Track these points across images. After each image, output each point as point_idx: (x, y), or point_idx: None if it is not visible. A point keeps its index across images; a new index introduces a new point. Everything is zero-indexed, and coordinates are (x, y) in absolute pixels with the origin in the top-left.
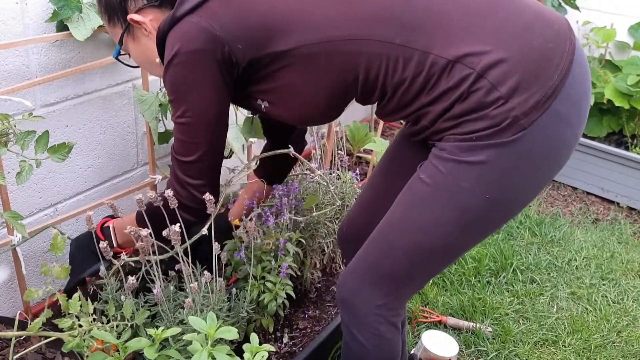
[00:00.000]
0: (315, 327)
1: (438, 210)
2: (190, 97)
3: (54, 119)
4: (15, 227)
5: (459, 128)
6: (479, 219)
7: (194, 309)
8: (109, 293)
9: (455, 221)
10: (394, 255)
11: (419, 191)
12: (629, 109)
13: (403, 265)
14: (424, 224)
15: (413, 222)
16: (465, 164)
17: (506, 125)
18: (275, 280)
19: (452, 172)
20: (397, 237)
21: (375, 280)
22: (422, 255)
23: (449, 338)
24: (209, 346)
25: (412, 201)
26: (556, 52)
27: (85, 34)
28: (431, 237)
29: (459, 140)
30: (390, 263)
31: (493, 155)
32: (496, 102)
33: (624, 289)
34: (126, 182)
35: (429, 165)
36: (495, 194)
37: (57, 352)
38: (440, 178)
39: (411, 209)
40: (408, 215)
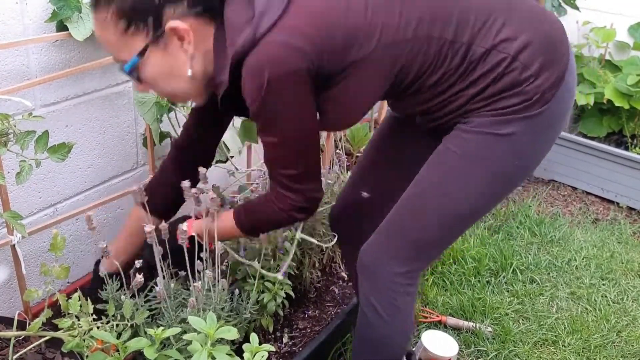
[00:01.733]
0: (315, 327)
1: (470, 177)
2: (289, 119)
3: (53, 119)
4: (15, 227)
5: (491, 106)
6: (505, 183)
7: (196, 307)
8: (109, 292)
9: (485, 186)
10: (424, 222)
11: (448, 161)
12: (629, 109)
13: (431, 232)
14: (456, 191)
15: (444, 189)
16: (497, 136)
17: (536, 99)
18: (274, 280)
19: (483, 143)
20: (428, 204)
21: (400, 248)
22: (451, 220)
23: (448, 338)
24: (209, 346)
25: (442, 170)
26: (560, 32)
27: (85, 34)
28: (461, 203)
29: (491, 115)
30: (419, 230)
31: (523, 127)
32: (528, 80)
33: (624, 288)
34: (126, 182)
35: (456, 138)
36: (522, 160)
37: (57, 352)
38: (472, 148)
39: (443, 177)
40: (439, 183)
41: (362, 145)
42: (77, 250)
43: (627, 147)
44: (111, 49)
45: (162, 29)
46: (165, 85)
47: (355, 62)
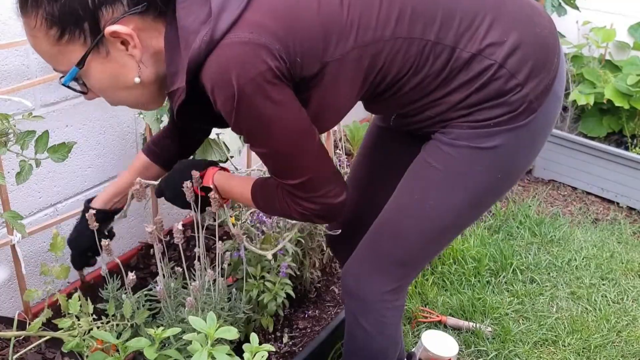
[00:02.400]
0: (315, 327)
1: (452, 192)
2: (274, 126)
3: (53, 119)
4: (14, 227)
5: (473, 116)
6: (489, 194)
7: (195, 307)
8: (109, 292)
9: (469, 200)
10: (406, 240)
11: (429, 176)
12: (629, 109)
13: (415, 250)
14: (438, 207)
15: (425, 206)
16: (480, 150)
17: (522, 110)
18: (275, 280)
19: (465, 157)
20: (409, 222)
21: (384, 267)
22: (435, 236)
23: (448, 338)
24: (209, 346)
25: (423, 186)
26: (551, 37)
27: None
28: (444, 218)
29: (473, 127)
30: (402, 248)
31: (507, 139)
32: (514, 89)
33: (624, 288)
34: None
35: (436, 151)
36: (506, 173)
37: (57, 352)
38: (452, 163)
39: (422, 193)
40: (419, 199)
41: None
42: None
43: (627, 147)
44: (47, 59)
45: (101, 35)
46: (113, 95)
47: (329, 62)
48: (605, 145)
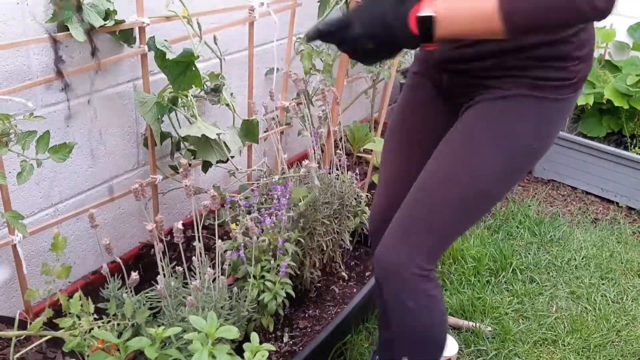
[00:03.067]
0: (315, 327)
1: (490, 154)
2: None
3: (54, 119)
4: (16, 226)
5: (535, 71)
6: (522, 163)
7: (195, 306)
8: (110, 291)
9: (505, 165)
10: (440, 206)
11: (467, 140)
12: (629, 109)
13: (449, 217)
14: (474, 170)
15: (461, 170)
16: (529, 104)
17: (571, 83)
18: (275, 279)
19: (513, 111)
20: (444, 188)
21: (417, 236)
22: (470, 204)
23: (448, 337)
24: (210, 345)
25: (460, 151)
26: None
27: (85, 34)
28: (480, 183)
29: (529, 83)
30: (436, 215)
31: (550, 106)
32: (575, 60)
33: (623, 288)
34: (127, 182)
35: (484, 108)
36: (541, 141)
37: (58, 352)
38: (498, 119)
39: (459, 158)
40: (456, 163)
41: (362, 145)
42: (78, 249)
43: (626, 147)
44: None
45: None
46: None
47: None
48: (605, 145)
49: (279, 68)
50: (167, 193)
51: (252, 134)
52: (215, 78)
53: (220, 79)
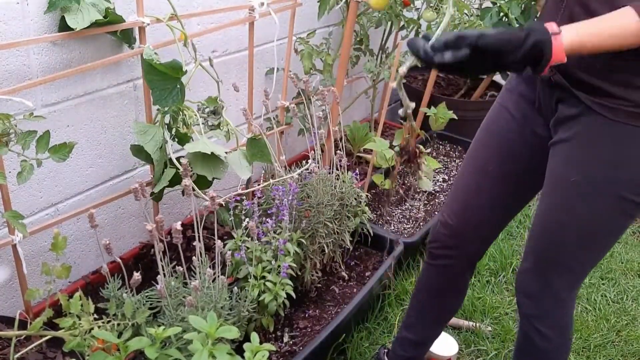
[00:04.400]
0: (315, 327)
1: (608, 201)
2: None
3: (54, 119)
4: (16, 226)
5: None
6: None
7: (195, 306)
8: (110, 291)
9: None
10: (576, 234)
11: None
12: None
13: (592, 241)
14: (596, 216)
15: (591, 196)
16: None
17: None
18: (275, 280)
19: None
20: (579, 215)
21: (565, 268)
22: (604, 240)
23: (448, 337)
24: (210, 345)
25: (579, 193)
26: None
27: (82, 24)
28: (606, 219)
29: (631, 108)
30: (579, 244)
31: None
32: None
33: (624, 288)
34: (127, 181)
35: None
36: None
37: (58, 352)
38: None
39: (582, 200)
40: (583, 188)
41: (362, 145)
42: (79, 249)
43: None
44: None
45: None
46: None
47: None
48: None
49: (279, 68)
50: (167, 193)
51: (261, 153)
52: (213, 102)
53: (219, 101)
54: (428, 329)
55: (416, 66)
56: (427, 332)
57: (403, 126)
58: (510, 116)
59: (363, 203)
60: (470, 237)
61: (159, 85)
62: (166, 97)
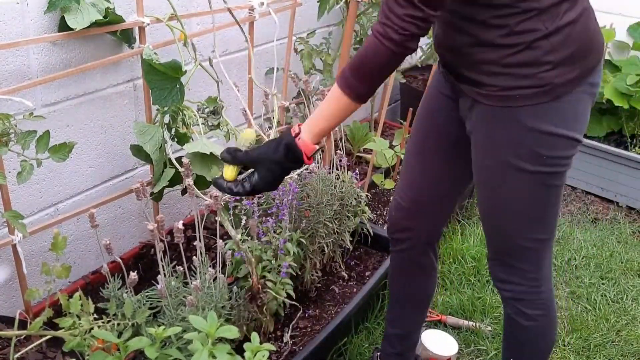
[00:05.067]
0: (315, 326)
1: (519, 182)
2: None
3: (54, 119)
4: (16, 226)
5: (503, 79)
6: (546, 175)
7: (196, 306)
8: (110, 291)
9: (531, 182)
10: (511, 216)
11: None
12: (629, 109)
13: (525, 221)
14: (516, 195)
15: (503, 176)
16: (509, 127)
17: (546, 90)
18: (275, 279)
19: (500, 139)
20: (504, 197)
21: (523, 253)
22: (542, 215)
23: (448, 337)
24: (210, 345)
25: (491, 177)
26: (599, 36)
27: (82, 24)
28: (527, 193)
29: (501, 94)
30: (512, 225)
31: (528, 113)
32: (545, 66)
33: (623, 288)
34: (127, 181)
35: (481, 137)
36: (544, 149)
37: (58, 352)
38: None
39: (499, 185)
40: (499, 192)
41: (362, 144)
42: (78, 249)
43: (626, 147)
44: None
45: None
46: None
47: None
48: (605, 145)
49: (278, 68)
50: (167, 193)
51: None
52: (213, 102)
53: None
54: (409, 319)
55: (416, 66)
56: (408, 322)
57: (403, 126)
58: (438, 95)
59: (363, 203)
60: (424, 215)
61: (159, 85)
62: (166, 97)
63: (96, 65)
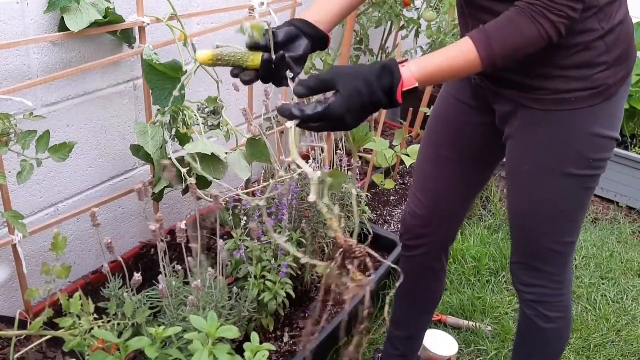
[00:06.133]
0: (315, 326)
1: (558, 185)
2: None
3: (54, 119)
4: (15, 226)
5: (557, 82)
6: (586, 180)
7: (196, 306)
8: (110, 290)
9: (571, 187)
10: (545, 219)
11: (534, 171)
12: (629, 109)
13: (557, 225)
14: (552, 200)
15: (545, 180)
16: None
17: (601, 91)
18: (275, 279)
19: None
20: (542, 201)
21: (548, 254)
22: (566, 209)
23: (448, 337)
24: (210, 345)
25: (532, 184)
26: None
27: (81, 25)
28: (564, 197)
29: (555, 98)
30: (549, 231)
31: (583, 116)
32: (601, 66)
33: (623, 288)
34: (127, 181)
35: (527, 143)
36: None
37: (58, 352)
38: (545, 155)
39: (538, 190)
40: (537, 198)
41: (362, 144)
42: (78, 249)
43: (626, 147)
44: None
45: None
46: None
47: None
48: None
49: None
50: (167, 193)
51: (260, 154)
52: (213, 101)
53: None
54: (415, 321)
55: None
56: (414, 324)
57: (402, 126)
58: (455, 103)
59: (363, 203)
60: (439, 222)
61: (159, 85)
62: (166, 97)
63: (96, 65)
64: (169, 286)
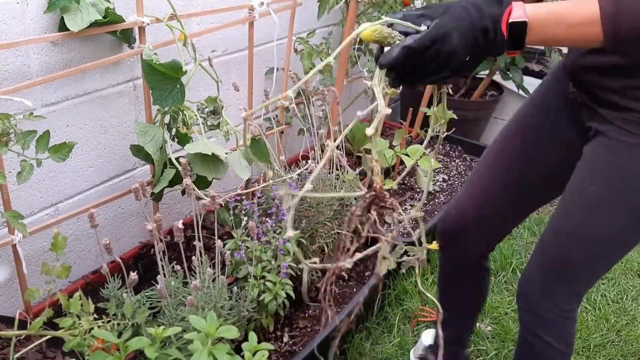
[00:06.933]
0: (315, 327)
1: (622, 214)
2: None
3: (54, 119)
4: (15, 226)
5: None
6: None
7: (195, 306)
8: (110, 291)
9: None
10: (593, 242)
11: (600, 192)
12: None
13: (602, 256)
14: (610, 227)
15: (609, 208)
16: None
17: None
18: (275, 280)
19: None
20: (595, 227)
21: (570, 275)
22: (621, 240)
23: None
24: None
25: (603, 183)
26: None
27: (81, 25)
28: (623, 231)
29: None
30: (588, 251)
31: None
32: None
33: (623, 288)
34: (127, 181)
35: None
36: None
37: (58, 352)
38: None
39: (600, 209)
40: (602, 198)
41: (362, 144)
42: (78, 249)
43: None
44: None
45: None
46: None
47: None
48: None
49: (278, 68)
50: (167, 193)
51: (260, 154)
52: (213, 101)
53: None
54: (461, 321)
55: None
56: (461, 324)
57: (403, 126)
58: (544, 112)
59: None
60: (484, 230)
61: (159, 85)
62: (166, 97)
63: (96, 65)
64: (167, 286)
